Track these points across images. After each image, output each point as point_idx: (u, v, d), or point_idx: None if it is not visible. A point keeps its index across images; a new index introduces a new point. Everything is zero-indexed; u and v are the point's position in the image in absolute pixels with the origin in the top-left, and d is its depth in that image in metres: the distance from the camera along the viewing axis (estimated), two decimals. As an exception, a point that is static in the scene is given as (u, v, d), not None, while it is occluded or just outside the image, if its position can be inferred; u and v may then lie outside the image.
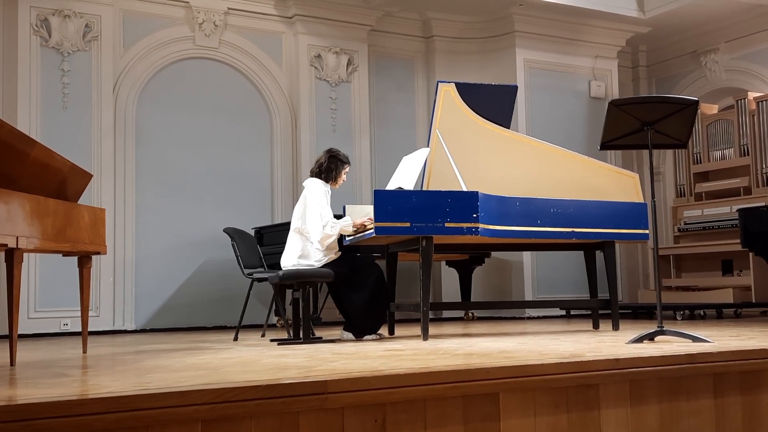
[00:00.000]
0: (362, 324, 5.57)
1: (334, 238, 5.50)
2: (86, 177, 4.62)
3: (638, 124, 4.58)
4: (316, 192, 5.55)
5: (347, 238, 5.82)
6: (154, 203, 8.29)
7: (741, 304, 8.77)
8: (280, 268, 5.61)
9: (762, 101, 9.35)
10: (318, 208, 5.47)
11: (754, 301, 8.84)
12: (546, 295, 9.35)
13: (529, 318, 9.18)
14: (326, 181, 5.65)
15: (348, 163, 5.77)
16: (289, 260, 5.57)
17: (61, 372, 3.47)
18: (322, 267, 5.47)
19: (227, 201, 8.61)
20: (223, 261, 8.16)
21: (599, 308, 6.25)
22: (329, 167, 5.64)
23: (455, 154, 5.66)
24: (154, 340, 6.31)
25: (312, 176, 5.69)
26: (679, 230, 10.23)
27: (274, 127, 9.00)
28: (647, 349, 3.73)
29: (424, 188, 6.03)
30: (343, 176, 5.73)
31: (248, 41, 8.91)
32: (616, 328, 5.91)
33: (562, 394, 3.12)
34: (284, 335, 6.09)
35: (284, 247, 5.74)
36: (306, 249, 5.52)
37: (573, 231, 5.73)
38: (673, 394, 3.37)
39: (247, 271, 6.39)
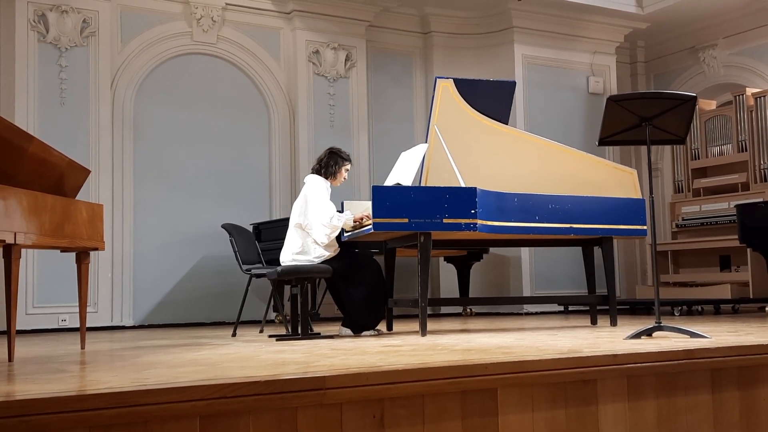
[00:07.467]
0: (360, 320, 5.58)
1: (338, 231, 5.54)
2: (84, 173, 4.61)
3: (636, 119, 4.59)
4: (317, 187, 5.58)
5: (345, 234, 5.82)
6: (152, 199, 8.28)
7: (739, 299, 8.78)
8: (279, 264, 5.61)
9: (760, 97, 9.35)
10: (321, 203, 5.50)
11: (751, 296, 8.85)
12: (544, 291, 9.36)
13: (527, 314, 9.19)
14: (326, 177, 5.67)
15: (349, 160, 5.78)
16: (288, 255, 5.57)
17: (59, 368, 3.47)
18: (321, 263, 5.48)
19: (225, 197, 8.61)
20: (222, 257, 8.16)
21: (597, 304, 6.25)
22: (329, 163, 5.68)
23: (453, 149, 5.66)
24: (153, 335, 6.31)
25: (312, 173, 5.73)
26: (677, 226, 10.23)
27: (272, 123, 8.99)
28: (645, 345, 3.74)
29: (423, 184, 6.02)
30: (344, 173, 5.74)
31: (246, 37, 8.90)
32: (614, 323, 5.91)
33: (560, 389, 3.12)
34: (282, 331, 6.09)
35: (282, 243, 5.74)
36: (306, 245, 5.53)
37: (571, 227, 5.74)
38: (670, 389, 3.37)
39: (245, 266, 6.39)
